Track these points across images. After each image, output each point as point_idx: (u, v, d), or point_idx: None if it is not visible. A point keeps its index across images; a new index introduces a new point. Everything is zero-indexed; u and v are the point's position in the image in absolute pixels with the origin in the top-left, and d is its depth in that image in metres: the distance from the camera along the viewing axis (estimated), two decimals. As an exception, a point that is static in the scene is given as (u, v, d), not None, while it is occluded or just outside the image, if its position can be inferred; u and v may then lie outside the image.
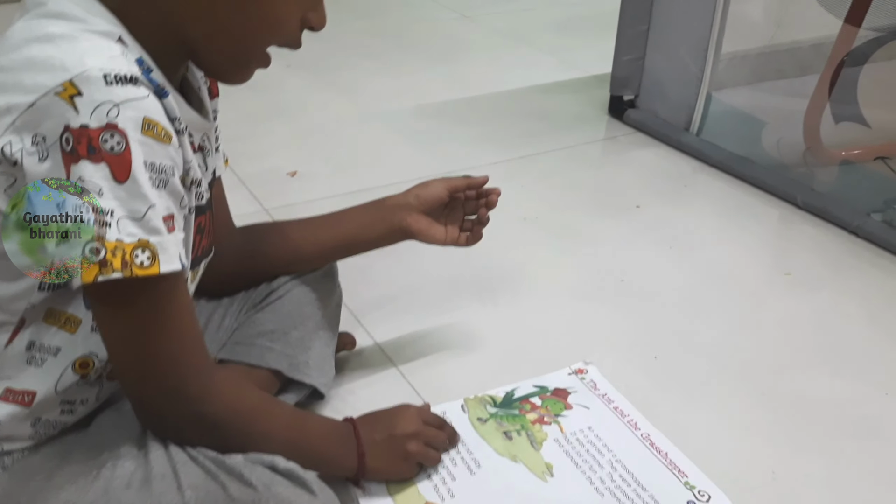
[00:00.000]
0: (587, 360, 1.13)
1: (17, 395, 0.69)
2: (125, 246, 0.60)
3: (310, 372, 0.96)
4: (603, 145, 1.85)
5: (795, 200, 1.54)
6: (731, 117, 1.78)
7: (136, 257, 0.61)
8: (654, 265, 1.37)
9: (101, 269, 0.60)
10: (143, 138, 0.61)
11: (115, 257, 0.60)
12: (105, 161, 0.59)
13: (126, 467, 0.71)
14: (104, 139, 0.59)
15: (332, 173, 1.64)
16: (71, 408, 0.74)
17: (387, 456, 0.86)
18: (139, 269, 0.61)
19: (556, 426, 1.01)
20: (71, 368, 0.71)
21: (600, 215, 1.52)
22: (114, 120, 0.59)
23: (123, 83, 0.60)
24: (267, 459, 0.74)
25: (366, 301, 1.24)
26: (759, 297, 1.30)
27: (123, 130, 0.60)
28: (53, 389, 0.70)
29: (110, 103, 0.59)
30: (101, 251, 0.60)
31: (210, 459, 0.72)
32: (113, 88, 0.60)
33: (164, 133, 0.63)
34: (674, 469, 0.95)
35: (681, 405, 1.06)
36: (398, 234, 1.00)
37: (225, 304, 0.97)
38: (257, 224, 1.02)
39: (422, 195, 1.00)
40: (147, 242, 0.61)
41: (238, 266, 0.96)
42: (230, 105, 1.89)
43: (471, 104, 2.01)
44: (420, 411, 0.92)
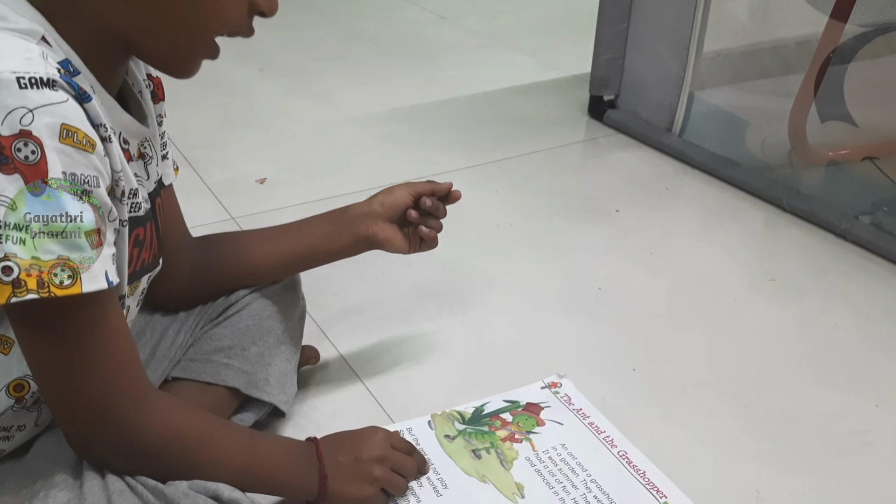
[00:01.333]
0: (561, 374, 1.07)
1: None
2: (42, 264, 0.56)
3: (269, 389, 0.91)
4: (582, 147, 1.80)
5: (781, 203, 1.49)
6: (714, 117, 1.74)
7: (55, 276, 0.56)
8: (633, 273, 1.32)
9: (15, 289, 0.55)
10: (62, 146, 0.56)
11: (29, 276, 0.55)
12: (19, 171, 0.55)
13: (59, 498, 0.66)
14: (17, 148, 0.55)
15: (301, 180, 1.58)
16: (7, 434, 0.70)
17: (351, 480, 0.81)
18: (58, 290, 0.56)
19: (528, 444, 0.96)
20: (5, 392, 0.66)
21: (578, 221, 1.47)
22: (28, 126, 0.55)
23: (39, 87, 0.56)
24: (211, 488, 0.69)
25: (330, 312, 1.18)
26: (743, 305, 1.25)
27: (38, 138, 0.55)
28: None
29: (24, 109, 0.55)
30: (14, 270, 0.55)
31: (149, 489, 0.67)
32: (27, 92, 0.55)
33: (85, 140, 0.58)
34: (652, 489, 0.90)
35: (660, 420, 1.01)
36: (363, 244, 0.95)
37: (181, 319, 0.92)
38: (213, 235, 0.96)
39: (387, 202, 0.95)
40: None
41: (194, 280, 0.92)
42: (199, 110, 1.87)
43: (445, 107, 1.96)
44: (388, 435, 0.87)
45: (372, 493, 0.83)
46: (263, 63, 2.18)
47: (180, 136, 1.70)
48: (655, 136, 1.73)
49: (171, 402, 0.75)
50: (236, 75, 2.08)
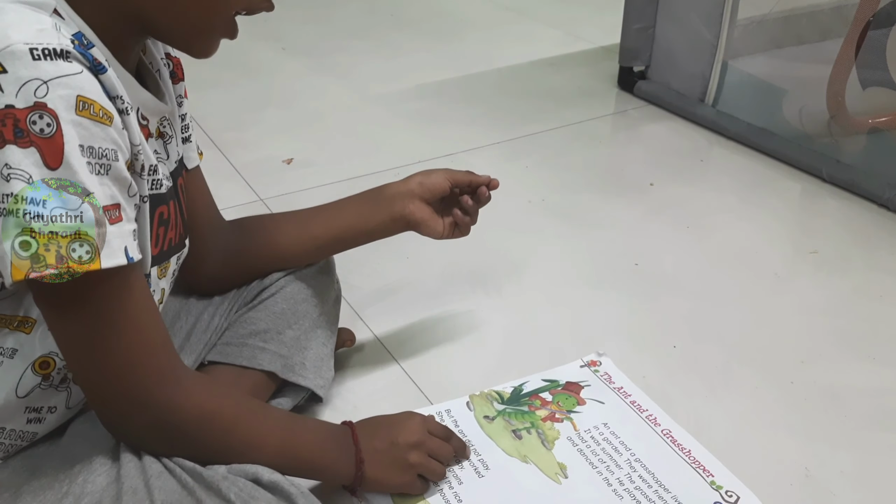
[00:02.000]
0: (600, 352, 1.05)
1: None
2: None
3: (306, 374, 0.90)
4: (612, 120, 1.77)
5: (820, 173, 1.46)
6: (749, 86, 1.69)
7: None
8: (670, 248, 1.29)
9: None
10: (78, 119, 0.55)
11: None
12: (35, 145, 0.53)
13: (97, 483, 0.65)
14: (32, 120, 0.53)
15: (329, 160, 1.56)
16: (38, 416, 0.68)
17: (387, 465, 0.80)
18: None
19: (569, 423, 0.94)
20: (31, 370, 0.65)
21: (611, 195, 1.44)
22: (42, 99, 0.53)
23: (53, 58, 0.54)
24: (250, 471, 0.68)
25: (365, 294, 1.17)
26: (784, 279, 1.22)
27: (54, 110, 0.54)
28: (14, 394, 0.65)
29: (38, 81, 0.53)
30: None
31: (187, 471, 0.66)
32: (40, 64, 0.53)
33: (101, 112, 0.56)
34: (698, 468, 0.88)
35: (703, 398, 0.99)
36: (399, 224, 0.93)
37: (216, 303, 0.91)
38: (247, 218, 0.95)
39: (426, 183, 0.93)
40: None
41: (228, 263, 0.90)
42: (222, 92, 1.85)
43: (471, 83, 1.93)
44: (425, 420, 0.86)
45: (408, 480, 0.82)
46: (285, 42, 2.16)
47: (204, 117, 1.69)
48: (688, 107, 1.70)
49: (204, 382, 0.74)
50: (258, 55, 2.06)
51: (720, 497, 0.84)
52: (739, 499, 0.84)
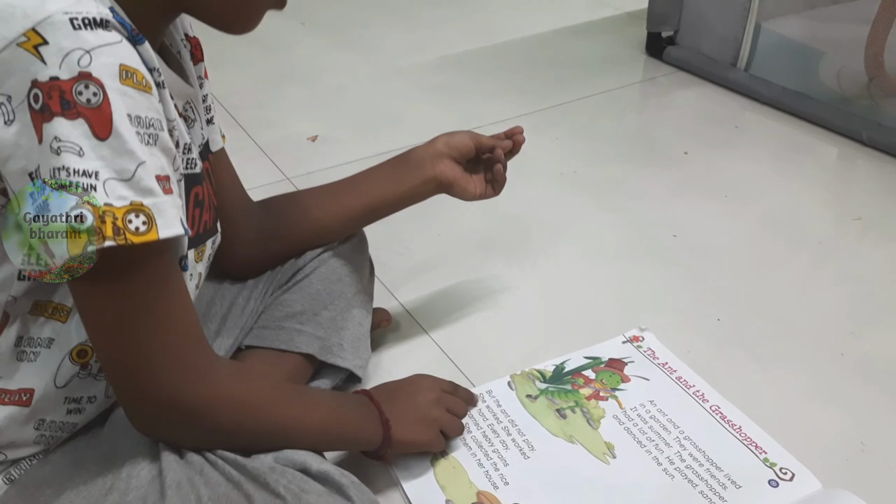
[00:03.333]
0: (642, 326, 1.03)
1: (12, 395, 0.62)
2: (115, 210, 0.52)
3: (344, 354, 0.88)
4: (641, 88, 1.73)
5: (860, 136, 1.42)
6: (784, 49, 1.65)
7: (130, 222, 0.53)
8: (708, 217, 1.26)
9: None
10: (123, 87, 0.53)
11: (104, 223, 0.52)
12: (83, 116, 0.52)
13: (142, 477, 0.63)
14: (78, 91, 0.52)
15: (354, 136, 1.54)
16: (78, 406, 0.67)
17: (413, 424, 0.81)
18: (134, 236, 0.53)
19: (614, 401, 0.92)
20: (69, 359, 0.64)
21: (645, 165, 1.41)
22: (87, 68, 0.52)
23: (93, 27, 0.52)
24: (298, 460, 0.66)
25: (397, 272, 1.15)
26: (829, 247, 1.18)
27: (99, 79, 0.52)
28: (53, 384, 0.64)
29: (81, 50, 0.52)
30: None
31: (230, 464, 0.64)
32: (81, 33, 0.52)
33: (144, 81, 0.55)
34: (750, 445, 0.86)
35: (750, 372, 0.96)
36: (430, 185, 0.91)
37: (249, 287, 0.89)
38: (276, 197, 0.93)
39: (451, 142, 0.91)
40: (140, 205, 0.53)
41: (261, 245, 0.88)
42: (243, 69, 1.82)
43: (495, 53, 1.89)
44: (436, 380, 0.87)
45: (434, 437, 0.83)
46: (304, 17, 2.13)
47: (226, 96, 1.67)
48: (719, 72, 1.65)
49: (236, 370, 0.72)
50: (277, 30, 2.02)
51: (774, 475, 0.82)
52: (795, 476, 0.82)
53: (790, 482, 0.81)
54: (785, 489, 0.81)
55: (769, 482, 0.81)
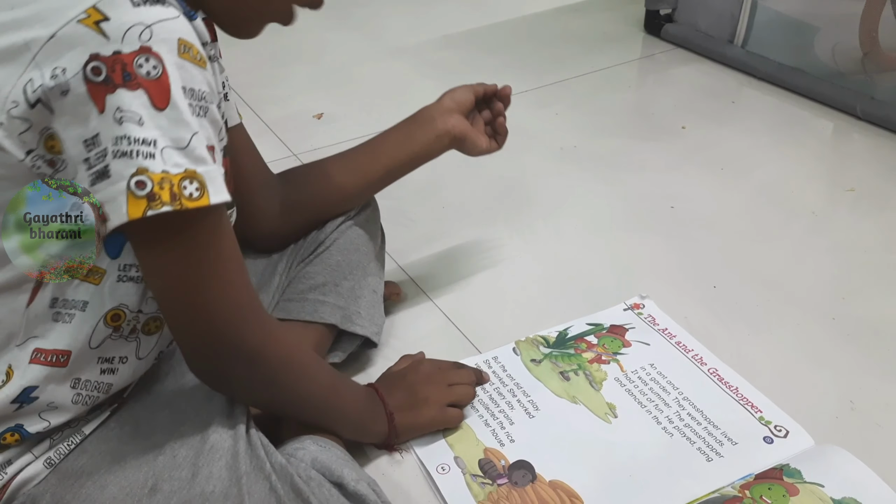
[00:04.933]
0: (643, 294, 1.07)
1: (48, 354, 0.65)
2: (172, 177, 0.56)
3: (362, 322, 0.93)
4: (640, 65, 1.75)
5: (854, 110, 1.45)
6: (780, 25, 1.67)
7: (185, 189, 0.56)
8: (705, 189, 1.30)
9: (150, 202, 0.55)
10: (180, 61, 0.56)
11: (162, 190, 0.55)
12: (143, 87, 0.55)
13: (182, 478, 0.66)
14: (139, 64, 0.54)
15: (358, 113, 1.57)
16: (111, 366, 0.69)
17: (411, 408, 0.84)
18: (188, 202, 0.56)
19: (616, 364, 0.96)
20: (102, 323, 0.66)
21: (644, 139, 1.44)
22: (147, 42, 0.55)
23: (152, 2, 0.56)
24: (335, 472, 0.70)
25: (403, 244, 1.18)
26: (822, 217, 1.22)
27: (158, 53, 0.55)
28: (87, 345, 0.66)
29: (141, 25, 0.54)
30: (148, 184, 0.55)
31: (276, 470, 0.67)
32: (141, 10, 0.55)
33: (199, 56, 0.58)
34: (746, 404, 0.90)
35: (746, 336, 1.00)
36: (445, 141, 0.94)
37: (273, 262, 0.92)
38: (294, 169, 0.96)
39: (455, 97, 0.95)
40: (194, 172, 0.57)
41: (284, 218, 0.91)
42: (247, 49, 1.82)
43: (496, 31, 1.91)
44: (433, 361, 0.90)
45: (435, 415, 0.86)
46: (306, -4, 2.14)
47: (233, 74, 1.67)
48: (717, 48, 1.68)
49: (283, 326, 0.76)
50: (280, 11, 2.05)
51: (769, 432, 0.86)
52: (789, 433, 0.86)
53: (784, 439, 0.85)
54: (779, 445, 0.85)
55: (764, 439, 0.85)
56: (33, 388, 0.65)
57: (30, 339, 0.64)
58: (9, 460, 0.67)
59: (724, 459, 0.83)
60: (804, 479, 0.79)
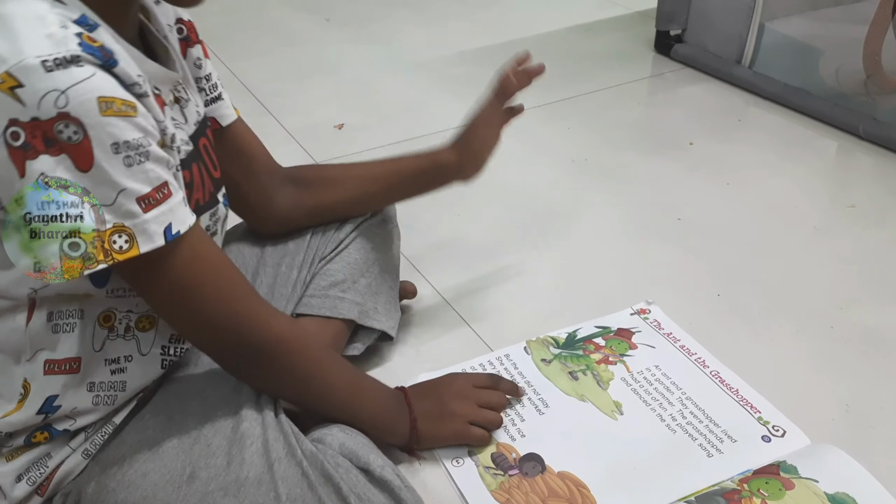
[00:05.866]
0: (649, 300, 1.11)
1: (60, 364, 0.68)
2: (103, 234, 0.58)
3: (379, 317, 0.97)
4: (650, 83, 1.80)
5: (857, 130, 1.49)
6: (786, 47, 1.72)
7: (114, 242, 0.59)
8: (711, 202, 1.34)
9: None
10: (102, 120, 0.56)
11: (95, 248, 0.58)
12: (65, 152, 0.56)
13: (218, 465, 0.69)
14: (59, 129, 0.55)
15: (378, 124, 1.62)
16: (118, 366, 0.72)
17: (437, 419, 0.86)
18: (118, 255, 0.59)
19: (622, 365, 1.00)
20: (97, 325, 0.70)
21: (652, 154, 1.49)
22: (64, 109, 0.55)
23: (65, 66, 0.55)
24: (362, 459, 0.74)
25: (420, 249, 1.23)
26: (823, 231, 1.26)
27: (77, 118, 0.55)
28: (92, 349, 0.70)
29: (56, 91, 0.55)
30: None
31: (307, 457, 0.71)
32: (55, 74, 0.55)
33: (124, 106, 0.58)
34: (746, 405, 0.94)
35: (747, 342, 1.04)
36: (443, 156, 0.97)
37: (291, 253, 0.95)
38: (309, 172, 0.98)
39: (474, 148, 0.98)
40: (122, 226, 0.59)
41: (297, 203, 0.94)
42: (273, 60, 1.92)
43: (510, 48, 1.94)
44: (469, 376, 0.92)
45: (459, 429, 0.87)
46: (328, 13, 2.21)
47: (258, 85, 1.76)
48: (725, 68, 1.73)
49: (295, 321, 0.80)
50: (304, 26, 2.12)
51: (767, 431, 0.90)
52: (786, 433, 0.90)
53: (782, 438, 0.89)
54: (777, 444, 0.89)
55: (762, 437, 0.90)
56: (55, 397, 0.68)
57: (38, 353, 0.67)
58: (48, 454, 0.70)
59: (724, 455, 0.87)
60: (800, 474, 0.83)
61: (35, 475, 0.70)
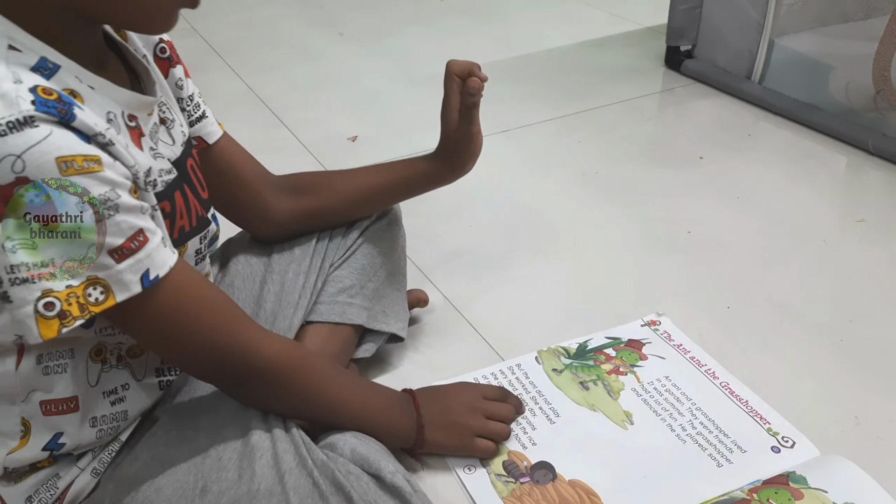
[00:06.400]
0: (659, 312, 1.12)
1: (57, 404, 0.68)
2: (76, 289, 0.58)
3: (387, 320, 0.99)
4: (660, 97, 1.82)
5: (866, 146, 1.50)
6: (796, 63, 1.73)
7: (89, 295, 0.58)
8: (721, 216, 1.35)
9: (62, 321, 0.57)
10: (65, 180, 0.55)
11: (71, 305, 0.57)
12: (29, 214, 0.55)
13: (229, 479, 0.70)
14: (20, 193, 0.54)
15: (391, 136, 1.64)
16: (117, 396, 0.73)
17: (444, 429, 0.87)
18: (95, 307, 0.58)
19: (633, 376, 1.01)
20: (90, 360, 0.70)
21: (663, 167, 1.50)
22: (22, 173, 0.53)
23: (18, 129, 0.53)
24: (373, 465, 0.74)
25: (431, 258, 1.25)
26: (832, 245, 1.27)
27: (36, 181, 0.54)
28: (88, 385, 0.70)
29: (12, 156, 0.53)
30: (56, 304, 0.57)
31: (318, 466, 0.71)
32: (8, 139, 0.53)
33: (86, 162, 0.56)
34: (755, 416, 0.95)
35: (757, 354, 1.05)
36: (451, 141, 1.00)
37: (297, 260, 0.95)
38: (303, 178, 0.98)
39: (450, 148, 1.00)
40: (96, 278, 0.58)
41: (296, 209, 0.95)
42: (287, 74, 1.94)
43: (520, 63, 1.99)
44: (479, 388, 0.93)
45: (466, 443, 0.88)
46: (342, 27, 2.25)
47: (272, 98, 1.78)
48: (735, 84, 1.74)
49: (289, 341, 0.81)
50: (318, 40, 2.15)
51: (777, 442, 0.91)
52: (795, 444, 0.90)
53: (791, 449, 0.90)
54: (786, 455, 0.89)
55: (772, 448, 0.90)
56: (60, 435, 0.69)
57: (31, 394, 0.67)
58: (56, 474, 0.71)
59: (734, 465, 0.88)
60: (809, 485, 0.84)
61: (45, 496, 0.71)
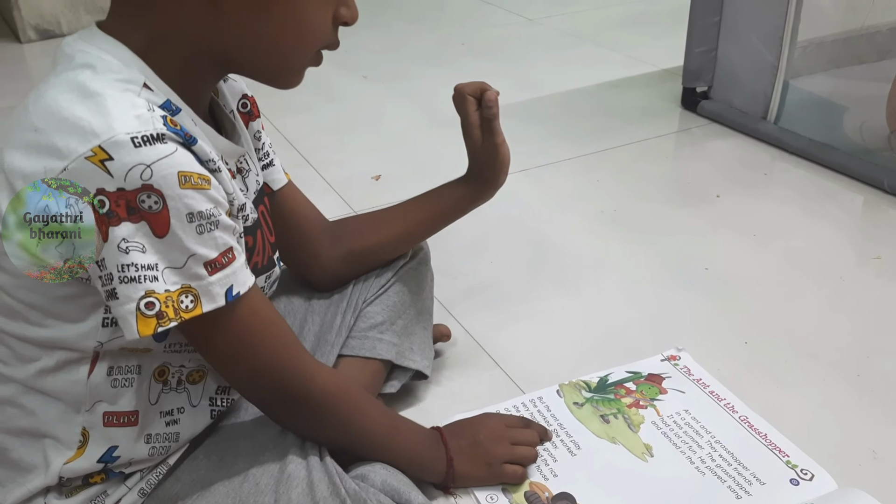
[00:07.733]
0: (679, 347, 1.14)
1: (119, 416, 0.73)
2: (173, 294, 0.64)
3: (414, 357, 1.02)
4: (677, 137, 1.86)
5: (881, 185, 1.52)
6: (810, 104, 1.76)
7: (182, 302, 0.65)
8: (738, 253, 1.38)
9: (159, 320, 0.64)
10: (182, 192, 0.63)
11: (168, 307, 0.64)
12: (144, 219, 0.62)
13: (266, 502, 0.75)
14: (142, 199, 0.62)
15: (414, 176, 1.68)
16: (172, 417, 0.77)
17: (472, 460, 0.89)
18: (185, 314, 0.65)
19: (653, 409, 1.03)
20: (153, 379, 0.75)
21: (680, 206, 1.53)
22: (148, 181, 0.61)
23: (151, 143, 0.62)
24: (404, 497, 0.78)
25: (453, 293, 1.28)
26: (849, 282, 1.29)
27: (159, 189, 0.62)
28: (148, 402, 0.75)
29: (142, 165, 0.61)
30: (156, 304, 0.64)
31: (349, 494, 0.75)
32: (142, 150, 0.61)
33: (200, 180, 0.64)
34: (774, 449, 0.96)
35: (775, 389, 1.07)
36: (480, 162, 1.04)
37: (335, 302, 1.01)
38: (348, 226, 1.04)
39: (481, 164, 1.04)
40: (189, 287, 0.65)
41: (347, 259, 1.00)
42: (313, 116, 2.00)
43: (540, 104, 2.04)
44: (502, 417, 0.96)
45: (496, 472, 0.90)
46: (367, 71, 2.31)
47: (299, 139, 1.84)
48: (750, 124, 1.77)
49: (333, 370, 0.86)
50: (343, 83, 2.21)
51: (795, 475, 0.92)
52: (814, 476, 0.92)
53: (810, 482, 0.91)
54: (805, 487, 0.91)
55: (790, 481, 0.92)
56: (115, 448, 0.73)
57: (97, 404, 0.72)
58: (105, 491, 0.75)
59: (753, 497, 0.89)
60: (827, 516, 0.85)
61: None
